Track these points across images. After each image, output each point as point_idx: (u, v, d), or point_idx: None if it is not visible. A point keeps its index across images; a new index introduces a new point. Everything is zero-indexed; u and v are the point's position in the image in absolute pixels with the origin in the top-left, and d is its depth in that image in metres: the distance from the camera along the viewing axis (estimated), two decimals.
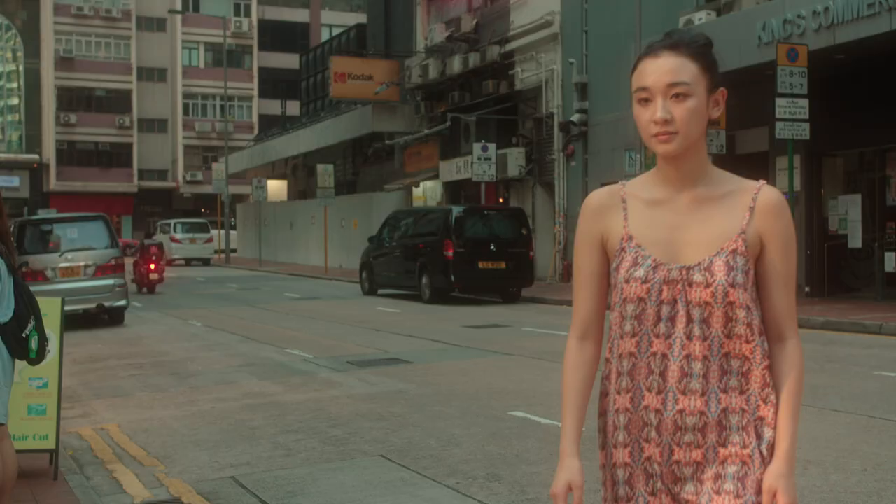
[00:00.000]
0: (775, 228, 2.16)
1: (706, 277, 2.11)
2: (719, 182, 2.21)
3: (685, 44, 2.16)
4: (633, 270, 2.16)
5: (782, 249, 2.17)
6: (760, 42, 16.29)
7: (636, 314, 2.16)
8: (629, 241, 2.19)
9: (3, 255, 4.53)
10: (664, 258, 2.16)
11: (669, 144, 2.11)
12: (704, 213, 2.17)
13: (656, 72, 2.12)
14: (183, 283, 29.24)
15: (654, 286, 2.14)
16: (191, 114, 61.40)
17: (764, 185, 2.20)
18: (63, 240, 16.49)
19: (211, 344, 13.98)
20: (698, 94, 2.11)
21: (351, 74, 32.97)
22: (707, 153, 2.22)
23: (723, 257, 2.12)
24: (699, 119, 2.12)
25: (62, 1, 58.48)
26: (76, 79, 58.75)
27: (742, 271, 2.12)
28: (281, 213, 42.19)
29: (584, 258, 2.27)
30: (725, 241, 2.14)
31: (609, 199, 2.25)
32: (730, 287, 2.10)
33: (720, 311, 2.11)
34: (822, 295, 17.55)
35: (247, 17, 61.44)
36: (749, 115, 18.07)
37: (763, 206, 2.16)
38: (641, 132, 2.16)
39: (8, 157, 58.91)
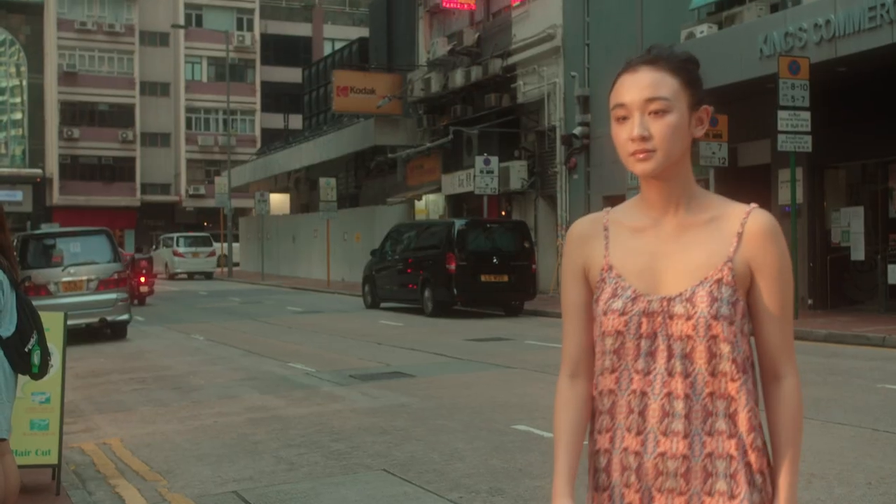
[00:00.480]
0: (766, 256, 1.99)
1: (687, 309, 1.96)
2: (706, 206, 2.05)
3: (664, 58, 2.03)
4: (611, 302, 2.02)
5: (775, 279, 2.00)
6: (762, 55, 16.32)
7: (615, 349, 2.02)
8: (609, 271, 2.06)
9: (5, 269, 4.52)
10: (644, 289, 2.01)
11: (648, 163, 1.97)
12: (689, 239, 2.02)
13: (633, 87, 2.00)
14: (185, 297, 29.25)
15: (633, 319, 2.00)
16: (193, 128, 61.51)
17: (755, 208, 2.03)
18: (66, 254, 16.51)
19: (213, 358, 13.98)
20: (679, 110, 1.98)
21: (353, 88, 33.05)
22: (692, 175, 2.07)
23: (706, 287, 1.96)
24: (680, 136, 1.99)
25: (66, 16, 58.67)
26: (79, 93, 58.89)
27: (728, 303, 1.96)
28: (283, 227, 42.22)
29: (569, 291, 2.14)
30: (710, 270, 1.98)
31: (591, 227, 2.13)
32: (712, 319, 1.94)
33: (703, 346, 1.95)
34: (824, 307, 17.53)
35: (249, 32, 61.61)
36: (751, 127, 18.12)
37: (753, 232, 2.00)
38: (620, 152, 2.03)
39: (11, 171, 58.99)
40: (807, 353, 12.37)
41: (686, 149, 2.03)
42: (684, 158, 2.04)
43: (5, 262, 4.57)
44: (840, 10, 15.12)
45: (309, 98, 48.56)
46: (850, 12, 14.88)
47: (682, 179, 2.04)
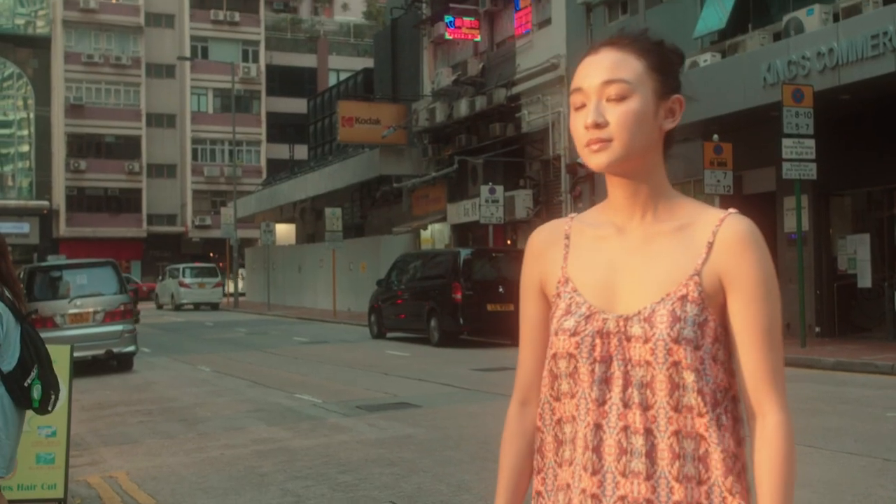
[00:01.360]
0: (741, 268, 1.70)
1: (645, 330, 1.70)
2: (678, 212, 1.79)
3: (630, 38, 1.78)
4: (563, 320, 1.78)
5: (752, 296, 1.70)
6: (766, 83, 16.37)
7: (569, 373, 1.76)
8: (565, 284, 1.82)
9: (6, 302, 4.50)
10: (601, 305, 1.76)
11: (602, 154, 1.72)
12: (654, 249, 1.76)
13: (592, 69, 1.76)
14: (191, 328, 29.23)
15: (586, 340, 1.74)
16: (199, 159, 61.78)
17: (730, 214, 1.76)
18: (72, 286, 16.53)
19: (220, 389, 13.95)
20: (642, 96, 1.73)
21: (358, 118, 33.18)
22: (665, 177, 1.82)
23: (668, 305, 1.70)
24: (642, 126, 1.73)
25: (73, 49, 59.13)
26: (86, 125, 59.23)
27: (693, 323, 1.68)
28: (289, 257, 42.27)
29: (526, 308, 1.91)
30: (673, 286, 1.72)
31: (551, 235, 1.89)
32: (673, 343, 1.67)
33: (663, 375, 1.68)
34: (832, 335, 17.47)
35: (255, 63, 62.00)
36: (756, 155, 18.14)
37: (726, 241, 1.72)
38: (577, 145, 1.78)
39: (18, 203, 59.25)
40: (816, 382, 12.31)
41: (653, 143, 1.77)
42: (652, 155, 1.78)
43: (8, 294, 4.54)
44: (843, 38, 15.18)
45: (314, 128, 48.78)
46: (853, 40, 14.93)
47: (650, 180, 1.78)
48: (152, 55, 60.83)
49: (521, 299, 1.93)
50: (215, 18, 61.18)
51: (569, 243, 1.86)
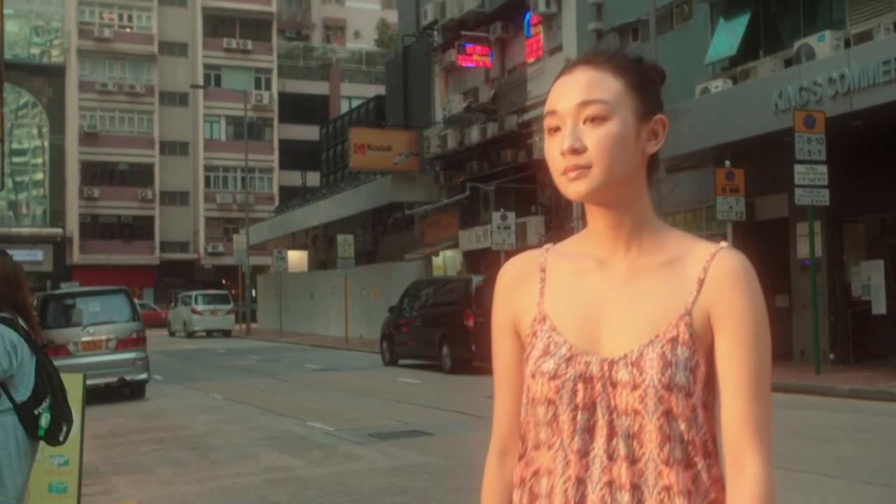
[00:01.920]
0: (732, 307, 1.57)
1: (633, 375, 1.55)
2: (665, 244, 1.65)
3: (605, 56, 1.64)
4: (541, 362, 1.62)
5: (741, 336, 1.56)
6: (777, 109, 16.37)
7: (548, 420, 1.61)
8: (542, 322, 1.66)
9: (22, 333, 4.51)
10: (583, 346, 1.61)
11: (581, 182, 1.57)
12: (640, 285, 1.62)
13: (567, 90, 1.62)
14: (204, 355, 29.24)
15: (567, 384, 1.59)
16: (212, 186, 62.05)
17: (722, 248, 1.63)
18: (85, 314, 16.58)
19: (232, 417, 13.93)
20: (622, 118, 1.59)
21: (370, 145, 33.30)
22: (650, 205, 1.67)
23: (657, 348, 1.56)
24: (623, 150, 1.58)
25: (87, 78, 59.62)
26: (100, 153, 59.62)
27: (684, 368, 1.55)
28: (301, 284, 42.31)
29: (499, 349, 1.77)
30: (662, 326, 1.57)
31: (524, 269, 1.73)
32: (664, 390, 1.53)
33: (653, 425, 1.54)
34: (847, 362, 17.35)
35: (267, 91, 62.37)
36: (768, 181, 18.11)
37: (716, 277, 1.58)
38: (552, 173, 1.63)
39: (32, 231, 59.58)
40: (830, 410, 12.22)
41: (636, 168, 1.62)
42: (635, 181, 1.63)
43: (24, 325, 4.55)
44: (854, 64, 15.18)
45: (326, 155, 48.98)
46: (865, 66, 14.93)
47: (633, 209, 1.64)
48: (166, 83, 61.27)
49: (494, 340, 1.78)
50: (228, 47, 61.64)
51: (545, 277, 1.70)
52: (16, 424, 4.42)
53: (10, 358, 4.34)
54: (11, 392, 4.39)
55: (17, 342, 4.38)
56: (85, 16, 60.00)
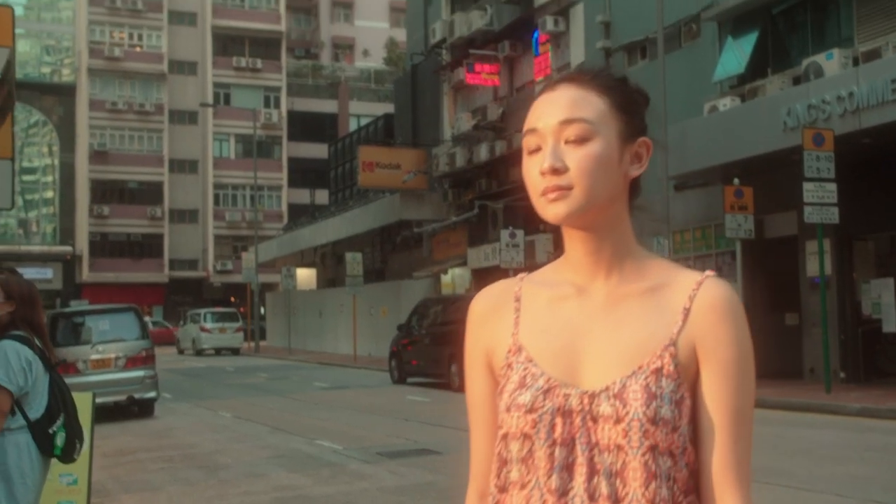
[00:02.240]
0: (718, 339, 1.49)
1: (616, 409, 1.46)
2: (647, 271, 1.58)
3: (590, 74, 1.58)
4: (517, 395, 1.52)
5: (726, 371, 1.49)
6: (786, 127, 16.37)
7: (522, 457, 1.51)
8: (517, 353, 1.57)
9: (37, 351, 4.57)
10: (562, 377, 1.52)
11: (561, 204, 1.50)
12: (622, 314, 1.54)
13: (548, 108, 1.54)
14: (212, 373, 29.25)
15: (544, 418, 1.49)
16: (221, 204, 62.22)
17: (708, 277, 1.55)
18: (94, 332, 16.61)
19: (240, 435, 13.92)
20: (605, 139, 1.52)
21: (379, 163, 33.36)
22: (631, 231, 1.61)
23: (640, 380, 1.48)
24: (606, 172, 1.52)
25: (97, 96, 59.94)
26: (109, 171, 59.86)
27: (670, 401, 1.47)
28: (310, 302, 42.34)
29: (473, 386, 1.66)
30: (646, 357, 1.50)
31: (498, 299, 1.65)
32: (650, 424, 1.45)
33: (638, 462, 1.45)
34: (857, 381, 17.27)
35: (276, 109, 62.60)
36: (777, 199, 18.10)
37: (703, 308, 1.51)
38: (530, 194, 1.55)
39: (42, 249, 59.78)
40: (841, 429, 12.16)
41: (618, 191, 1.56)
42: (617, 205, 1.57)
43: (38, 344, 4.62)
44: (863, 82, 15.18)
45: (335, 173, 49.10)
46: (873, 85, 14.93)
47: (614, 234, 1.57)
48: (175, 102, 61.56)
49: (466, 376, 1.67)
50: (238, 65, 61.94)
51: (519, 307, 1.62)
52: (29, 442, 4.47)
53: (25, 375, 4.41)
54: (25, 409, 4.45)
55: (31, 360, 4.45)
56: (96, 35, 60.39)
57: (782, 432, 12.10)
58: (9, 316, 4.53)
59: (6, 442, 4.42)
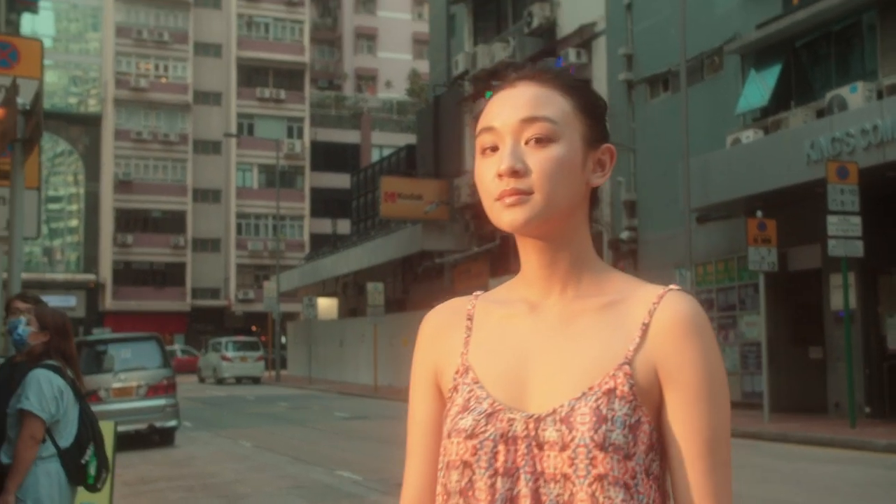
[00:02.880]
0: (683, 359, 1.35)
1: (562, 434, 1.32)
2: (605, 286, 1.45)
3: (552, 73, 1.46)
4: (459, 419, 1.40)
5: (694, 395, 1.34)
6: (809, 160, 16.32)
7: (461, 488, 1.37)
8: (464, 375, 1.44)
9: (68, 380, 4.69)
10: (507, 401, 1.38)
11: (519, 210, 1.38)
12: (574, 331, 1.41)
13: (508, 105, 1.43)
14: (233, 402, 29.27)
15: (485, 445, 1.36)
16: (244, 233, 62.54)
17: (670, 291, 1.40)
18: (116, 360, 16.68)
19: (260, 465, 13.90)
20: (569, 142, 1.40)
21: (401, 194, 33.47)
22: (590, 243, 1.49)
23: (590, 402, 1.33)
24: (568, 177, 1.39)
25: (123, 126, 60.55)
26: (134, 201, 60.35)
27: (623, 425, 1.32)
28: (331, 331, 42.39)
29: (415, 408, 1.54)
30: (598, 377, 1.35)
31: (450, 317, 1.52)
32: (597, 450, 1.30)
33: (585, 493, 1.30)
34: (882, 416, 17.08)
35: (299, 139, 63.01)
36: (801, 231, 18.01)
37: (663, 324, 1.37)
38: (483, 199, 1.44)
39: (66, 277, 60.24)
40: (867, 465, 12.00)
41: (579, 200, 1.44)
42: (577, 215, 1.45)
43: (70, 373, 4.74)
44: (887, 115, 15.13)
45: (357, 203, 49.29)
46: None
47: (572, 245, 1.44)
48: (199, 132, 62.10)
49: (410, 397, 1.56)
50: (261, 96, 62.47)
51: (471, 325, 1.49)
52: (59, 471, 4.56)
53: (57, 403, 4.53)
54: (56, 437, 4.56)
55: (63, 388, 4.59)
56: (122, 66, 61.11)
57: (806, 468, 11.96)
58: (43, 346, 4.67)
59: (38, 471, 4.52)
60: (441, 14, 35.84)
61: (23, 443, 4.45)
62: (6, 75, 7.15)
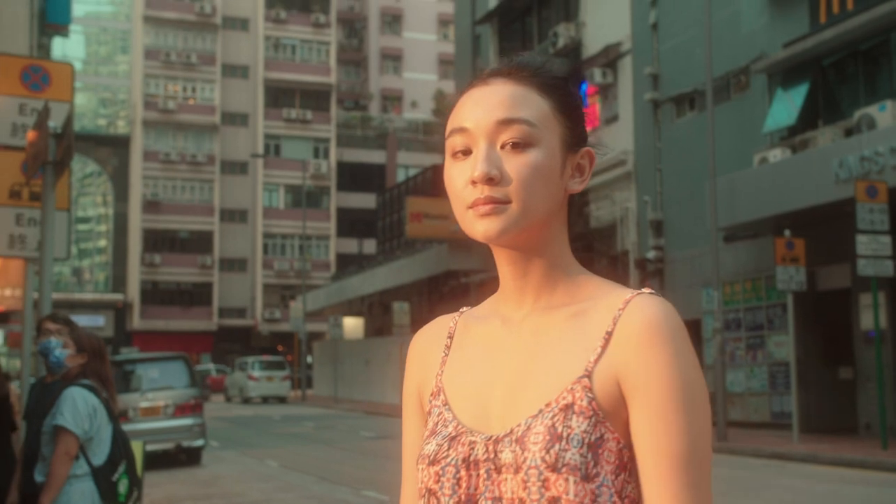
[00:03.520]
0: (648, 369, 1.22)
1: (516, 455, 1.23)
2: (577, 293, 1.34)
3: (530, 69, 1.35)
4: (425, 444, 1.34)
5: (660, 408, 1.21)
6: (838, 179, 16.21)
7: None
8: (437, 397, 1.38)
9: (103, 400, 4.80)
10: (471, 423, 1.31)
11: (495, 220, 1.29)
12: (540, 345, 1.31)
13: (481, 105, 1.32)
14: (259, 421, 29.33)
15: (447, 470, 1.28)
16: (270, 253, 62.83)
17: (638, 295, 1.28)
18: (144, 379, 16.78)
19: (286, 485, 13.90)
20: (547, 146, 1.31)
21: (427, 214, 33.54)
22: (568, 251, 1.39)
23: (546, 420, 1.23)
24: (547, 184, 1.31)
25: (151, 147, 61.11)
26: (161, 221, 60.80)
27: (580, 444, 1.21)
28: (357, 351, 42.44)
29: (405, 431, 1.47)
30: (556, 392, 1.25)
31: (433, 336, 1.46)
32: (549, 471, 1.20)
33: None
34: None
35: (325, 160, 63.33)
36: (829, 251, 17.89)
37: (627, 331, 1.25)
38: (454, 206, 1.34)
39: (94, 297, 60.69)
40: None
41: (557, 207, 1.35)
42: (555, 224, 1.36)
43: (105, 393, 4.86)
44: None
45: (383, 224, 49.43)
46: None
47: (546, 254, 1.35)
48: (227, 153, 62.56)
49: (402, 421, 1.50)
50: (288, 117, 62.87)
51: (451, 344, 1.43)
52: (93, 490, 4.66)
53: (90, 421, 4.65)
54: (89, 456, 4.66)
55: (97, 407, 4.72)
56: (150, 88, 61.73)
57: (838, 490, 11.83)
58: (79, 368, 4.80)
59: (72, 490, 4.61)
60: (466, 35, 35.98)
61: (57, 458, 4.55)
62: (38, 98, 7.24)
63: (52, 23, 23.53)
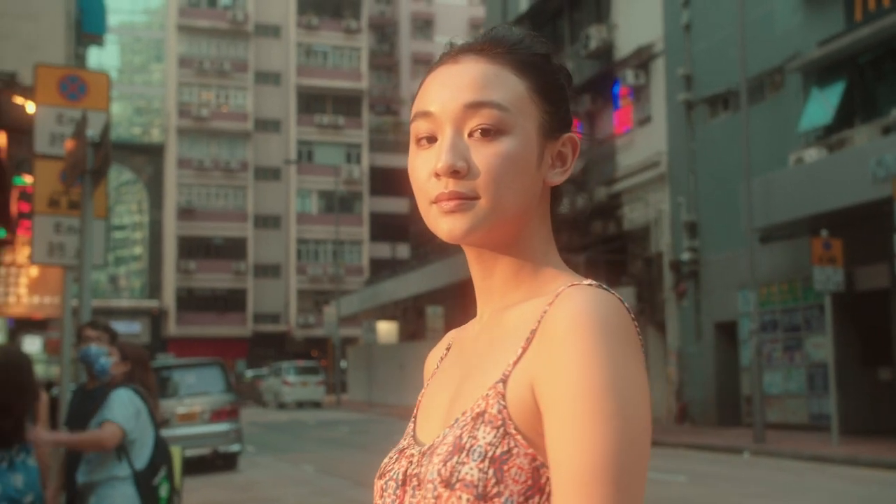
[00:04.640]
0: (559, 370, 1.05)
1: (424, 468, 1.13)
2: (536, 292, 1.20)
3: (505, 45, 1.19)
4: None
5: (568, 414, 1.03)
6: (875, 178, 16.01)
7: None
8: (416, 410, 1.32)
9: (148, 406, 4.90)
10: (423, 435, 1.22)
11: (458, 218, 1.15)
12: (485, 350, 1.21)
13: (448, 86, 1.17)
14: (294, 426, 29.45)
15: (389, 485, 1.19)
16: (303, 259, 63.09)
17: (569, 288, 1.12)
18: (181, 385, 16.90)
19: (322, 490, 13.94)
20: (523, 134, 1.16)
21: None
22: (547, 247, 1.25)
23: (457, 430, 1.11)
24: (521, 178, 1.16)
25: (185, 155, 61.61)
26: (196, 228, 61.26)
27: (480, 457, 1.06)
28: (391, 355, 42.49)
29: None
30: (473, 400, 1.14)
31: (438, 350, 1.41)
32: (443, 487, 1.07)
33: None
34: None
35: (358, 165, 63.53)
36: (867, 251, 17.67)
37: (548, 329, 1.09)
38: (418, 199, 1.21)
39: (131, 304, 61.28)
40: None
41: (532, 202, 1.21)
42: (532, 219, 1.22)
43: (150, 400, 4.97)
44: None
45: (415, 228, 49.48)
46: None
47: (518, 253, 1.21)
48: (260, 159, 62.92)
49: None
50: (320, 123, 63.15)
51: (445, 356, 1.35)
52: (135, 495, 4.72)
53: (135, 420, 4.71)
54: (132, 458, 4.73)
55: (141, 410, 4.80)
56: (184, 96, 62.24)
57: (878, 492, 11.68)
58: (123, 376, 4.89)
59: (115, 492, 4.68)
60: None
61: (95, 433, 4.58)
62: (76, 108, 7.32)
63: (88, 32, 23.79)
